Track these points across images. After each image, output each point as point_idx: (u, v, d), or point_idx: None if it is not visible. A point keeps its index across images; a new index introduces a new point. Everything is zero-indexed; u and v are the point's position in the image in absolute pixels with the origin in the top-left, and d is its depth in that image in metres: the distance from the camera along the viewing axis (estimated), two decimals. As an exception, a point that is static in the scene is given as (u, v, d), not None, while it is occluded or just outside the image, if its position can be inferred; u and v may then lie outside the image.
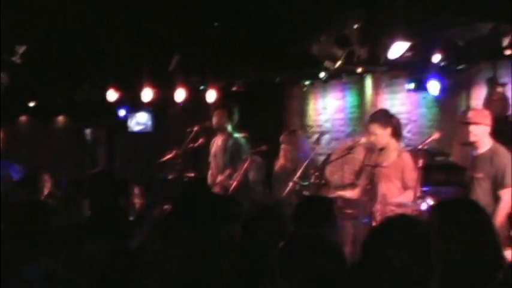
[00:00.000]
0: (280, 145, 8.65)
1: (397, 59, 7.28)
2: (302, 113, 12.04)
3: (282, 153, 8.63)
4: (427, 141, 6.85)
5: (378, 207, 6.62)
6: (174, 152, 9.34)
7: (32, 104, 13.17)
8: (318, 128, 11.59)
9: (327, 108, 11.52)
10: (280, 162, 8.71)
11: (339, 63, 7.03)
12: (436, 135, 6.85)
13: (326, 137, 10.77)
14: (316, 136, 9.83)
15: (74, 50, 9.07)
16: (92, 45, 9.44)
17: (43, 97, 12.84)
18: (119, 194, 5.68)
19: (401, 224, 2.94)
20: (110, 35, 9.30)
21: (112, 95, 11.26)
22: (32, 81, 10.62)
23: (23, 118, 15.96)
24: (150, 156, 14.56)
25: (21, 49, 7.42)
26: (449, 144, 8.28)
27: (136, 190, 6.11)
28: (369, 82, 10.53)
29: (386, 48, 6.32)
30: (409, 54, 6.64)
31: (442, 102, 9.34)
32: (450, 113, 9.20)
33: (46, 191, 7.05)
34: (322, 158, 9.18)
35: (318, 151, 9.11)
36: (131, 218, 5.48)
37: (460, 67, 8.65)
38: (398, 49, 6.36)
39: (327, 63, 7.21)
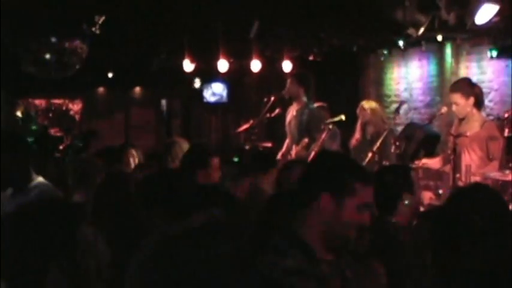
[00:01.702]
0: (358, 116, 8.50)
1: (481, 25, 7.02)
2: (379, 82, 11.84)
3: (358, 126, 8.48)
4: (513, 110, 6.60)
5: (462, 178, 6.42)
6: (250, 122, 9.28)
7: (110, 75, 13.31)
8: (396, 97, 11.38)
9: (406, 78, 11.29)
10: (356, 136, 8.56)
11: (421, 29, 6.79)
12: (524, 104, 6.60)
13: (404, 106, 10.56)
14: (395, 106, 9.65)
15: (151, 20, 9.07)
16: (168, 15, 9.43)
17: (120, 68, 12.96)
18: (198, 167, 5.64)
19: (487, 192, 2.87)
20: (186, 4, 9.28)
21: (188, 66, 11.28)
22: (110, 52, 10.71)
23: (100, 89, 16.20)
24: (225, 126, 14.68)
25: (101, 19, 7.45)
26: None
27: (215, 162, 6.05)
28: (449, 50, 10.26)
29: (473, 13, 6.07)
30: (496, 19, 6.38)
31: (527, 70, 9.04)
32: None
33: (133, 164, 7.06)
34: (400, 128, 9.05)
35: (396, 121, 8.94)
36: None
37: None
38: (486, 13, 6.11)
39: (410, 30, 6.97)
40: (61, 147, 13.49)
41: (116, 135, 14.71)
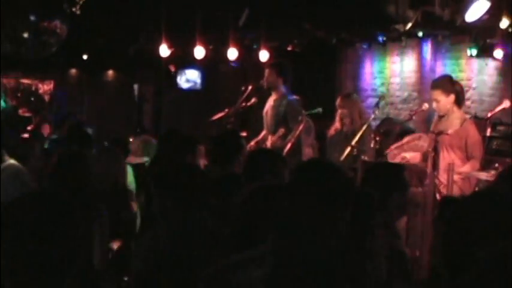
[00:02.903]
0: (337, 109, 8.43)
1: (465, 23, 7.00)
2: (356, 76, 11.80)
3: (337, 117, 8.41)
4: (496, 110, 6.58)
5: (442, 176, 6.40)
6: (225, 111, 9.18)
7: (84, 57, 13.08)
8: (372, 92, 11.35)
9: (383, 72, 11.26)
10: (335, 126, 8.49)
11: (409, 25, 6.74)
12: (506, 104, 6.57)
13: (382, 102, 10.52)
14: (371, 100, 9.61)
15: (131, 2, 8.92)
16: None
17: (95, 51, 12.75)
18: (187, 153, 5.53)
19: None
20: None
21: (164, 51, 11.11)
22: (87, 34, 10.51)
23: (72, 70, 15.94)
24: (198, 114, 14.54)
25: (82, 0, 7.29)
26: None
27: (201, 149, 5.94)
28: (428, 47, 10.24)
29: (465, 10, 6.02)
30: (485, 17, 6.34)
31: (505, 70, 9.03)
32: (513, 81, 8.91)
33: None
34: (377, 123, 9.04)
35: (372, 116, 8.89)
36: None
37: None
38: (477, 11, 6.06)
39: (398, 26, 6.92)
40: (29, 128, 13.27)
41: (86, 119, 14.52)
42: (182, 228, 3.67)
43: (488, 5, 5.88)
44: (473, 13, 6.07)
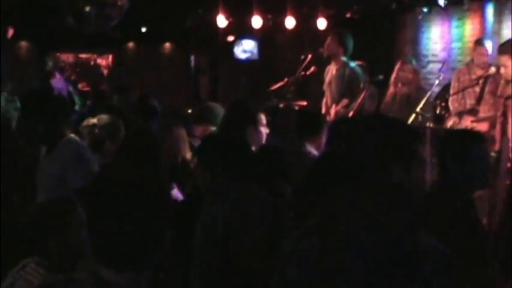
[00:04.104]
0: (394, 73, 8.32)
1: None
2: (416, 41, 11.58)
3: (392, 82, 8.29)
4: None
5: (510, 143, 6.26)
6: (285, 80, 9.15)
7: (143, 30, 13.14)
8: (433, 57, 11.14)
9: (444, 37, 11.03)
10: (390, 90, 8.38)
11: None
12: None
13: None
14: (432, 66, 9.43)
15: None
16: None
17: (152, 24, 12.80)
18: (248, 124, 5.52)
19: None
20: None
21: (222, 21, 11.09)
22: (146, 6, 10.54)
23: (130, 44, 16.06)
24: (255, 84, 14.52)
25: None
26: None
27: (262, 119, 5.91)
28: (491, 9, 9.97)
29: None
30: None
31: None
32: None
33: None
34: (439, 89, 8.87)
35: (434, 81, 8.76)
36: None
37: None
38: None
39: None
40: (88, 102, 13.42)
41: (145, 92, 14.59)
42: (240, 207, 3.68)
43: None
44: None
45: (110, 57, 16.25)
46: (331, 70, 8.61)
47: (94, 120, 5.94)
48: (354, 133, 2.99)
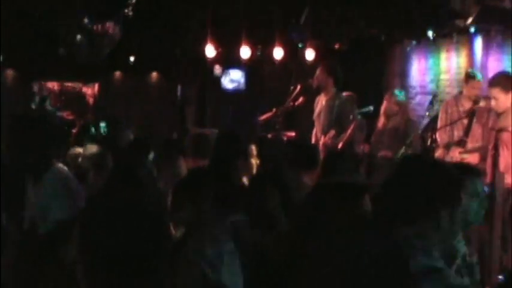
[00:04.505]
0: (383, 104, 8.33)
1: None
2: (404, 73, 11.62)
3: (383, 113, 8.30)
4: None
5: (501, 176, 6.23)
6: (274, 111, 9.12)
7: (131, 59, 13.08)
8: (421, 89, 11.17)
9: (432, 69, 11.07)
10: (382, 121, 8.38)
11: (470, 19, 6.60)
12: None
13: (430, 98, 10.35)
14: (420, 97, 9.44)
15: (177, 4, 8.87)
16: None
17: (141, 53, 12.75)
18: (239, 155, 5.43)
19: None
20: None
21: (210, 51, 11.07)
22: (135, 36, 10.50)
23: (117, 74, 15.99)
24: (242, 114, 14.48)
25: (133, 0, 7.22)
26: None
27: (253, 150, 5.85)
28: (479, 42, 10.02)
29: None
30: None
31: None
32: None
33: None
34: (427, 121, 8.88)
35: (423, 113, 8.77)
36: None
37: None
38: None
39: (459, 21, 6.77)
40: (73, 131, 13.30)
41: (131, 122, 14.50)
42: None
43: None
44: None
45: (96, 86, 16.15)
46: (321, 101, 8.60)
47: (80, 150, 5.87)
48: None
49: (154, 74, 16.06)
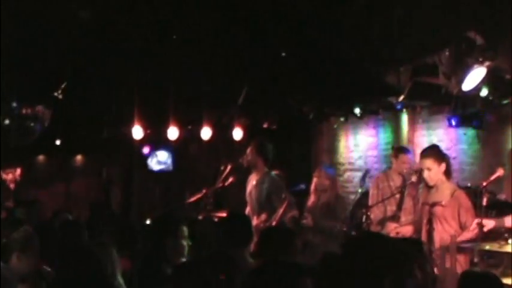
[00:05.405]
0: (313, 181, 8.32)
1: (443, 92, 6.98)
2: (332, 150, 11.71)
3: (313, 190, 8.29)
4: (491, 179, 6.46)
5: (437, 251, 6.23)
6: (203, 192, 9.00)
7: (57, 142, 12.79)
8: (349, 165, 11.24)
9: (360, 145, 11.18)
10: (312, 199, 8.36)
11: (401, 97, 6.69)
12: (500, 172, 6.45)
13: (358, 174, 10.43)
14: (348, 174, 9.50)
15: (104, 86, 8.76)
16: (119, 80, 9.15)
17: (67, 136, 12.50)
18: (168, 236, 5.28)
19: None
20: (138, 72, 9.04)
21: (138, 133, 10.90)
22: (60, 119, 10.29)
23: (40, 157, 15.63)
24: (170, 195, 14.28)
25: (63, 84, 7.06)
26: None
27: (184, 231, 5.68)
28: (405, 118, 10.20)
29: (462, 79, 5.93)
30: (480, 85, 6.28)
31: (485, 138, 9.00)
32: (492, 149, 8.86)
33: None
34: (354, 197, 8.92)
35: (353, 189, 8.79)
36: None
37: (505, 101, 8.29)
38: (475, 78, 5.98)
39: (391, 98, 6.87)
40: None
41: (55, 206, 14.11)
42: None
43: (484, 72, 5.81)
44: (471, 82, 6.01)
45: (18, 170, 15.70)
46: (252, 180, 8.54)
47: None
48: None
49: (79, 157, 15.79)
